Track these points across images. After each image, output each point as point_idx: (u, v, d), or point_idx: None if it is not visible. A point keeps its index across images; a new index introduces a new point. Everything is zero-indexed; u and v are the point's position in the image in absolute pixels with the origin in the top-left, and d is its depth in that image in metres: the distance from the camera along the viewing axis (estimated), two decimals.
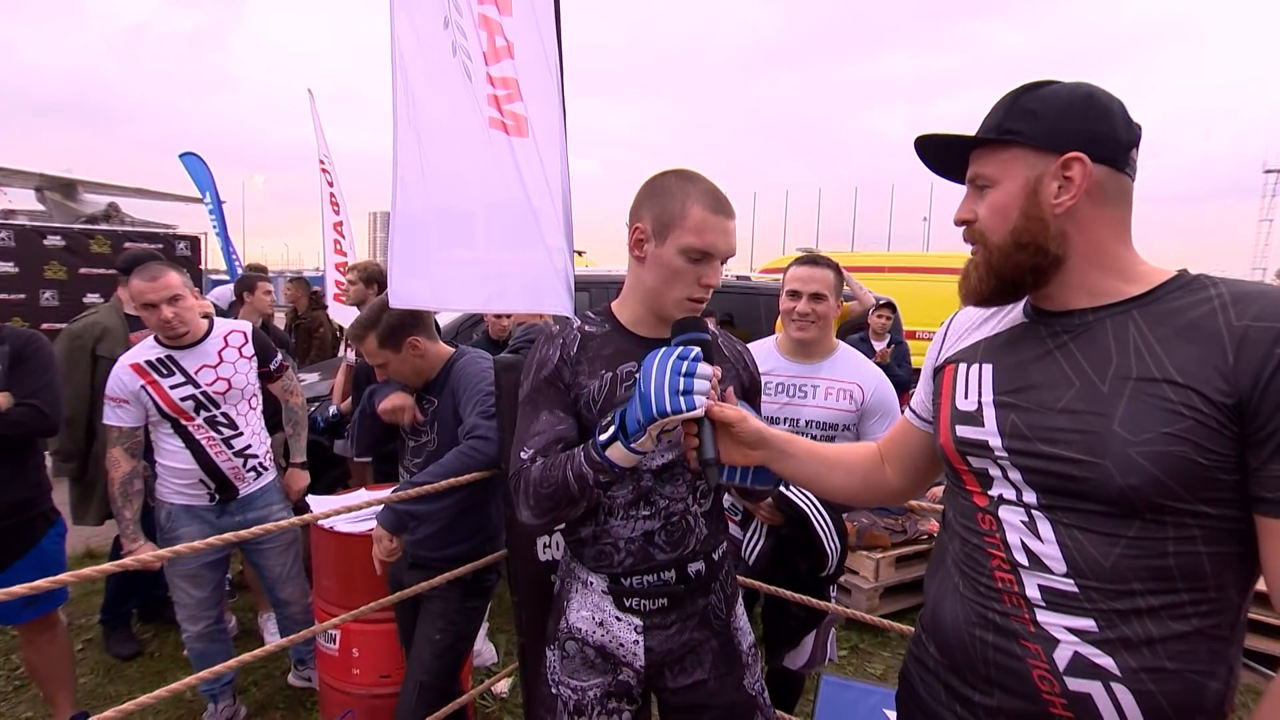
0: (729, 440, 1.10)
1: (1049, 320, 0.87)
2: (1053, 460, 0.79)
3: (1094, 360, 0.79)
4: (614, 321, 1.30)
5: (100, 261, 6.76)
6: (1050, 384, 0.82)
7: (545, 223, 2.00)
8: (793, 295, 2.06)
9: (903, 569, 3.55)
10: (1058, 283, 0.85)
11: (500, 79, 1.89)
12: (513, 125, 1.90)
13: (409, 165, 1.75)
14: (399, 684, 2.02)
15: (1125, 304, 0.81)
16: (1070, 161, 0.80)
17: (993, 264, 0.85)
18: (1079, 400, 0.79)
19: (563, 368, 1.25)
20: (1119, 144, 0.81)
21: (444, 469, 1.84)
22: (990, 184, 0.85)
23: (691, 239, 1.15)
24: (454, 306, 2.02)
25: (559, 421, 1.22)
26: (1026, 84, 0.86)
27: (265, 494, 2.51)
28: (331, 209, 5.57)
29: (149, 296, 2.24)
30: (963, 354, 0.96)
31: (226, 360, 2.40)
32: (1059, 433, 0.79)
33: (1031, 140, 0.82)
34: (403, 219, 1.77)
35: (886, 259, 9.58)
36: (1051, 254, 0.82)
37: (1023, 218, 0.82)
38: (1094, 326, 0.82)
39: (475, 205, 1.93)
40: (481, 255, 1.97)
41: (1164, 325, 0.77)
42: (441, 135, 1.81)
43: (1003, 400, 0.86)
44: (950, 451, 0.93)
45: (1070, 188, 0.80)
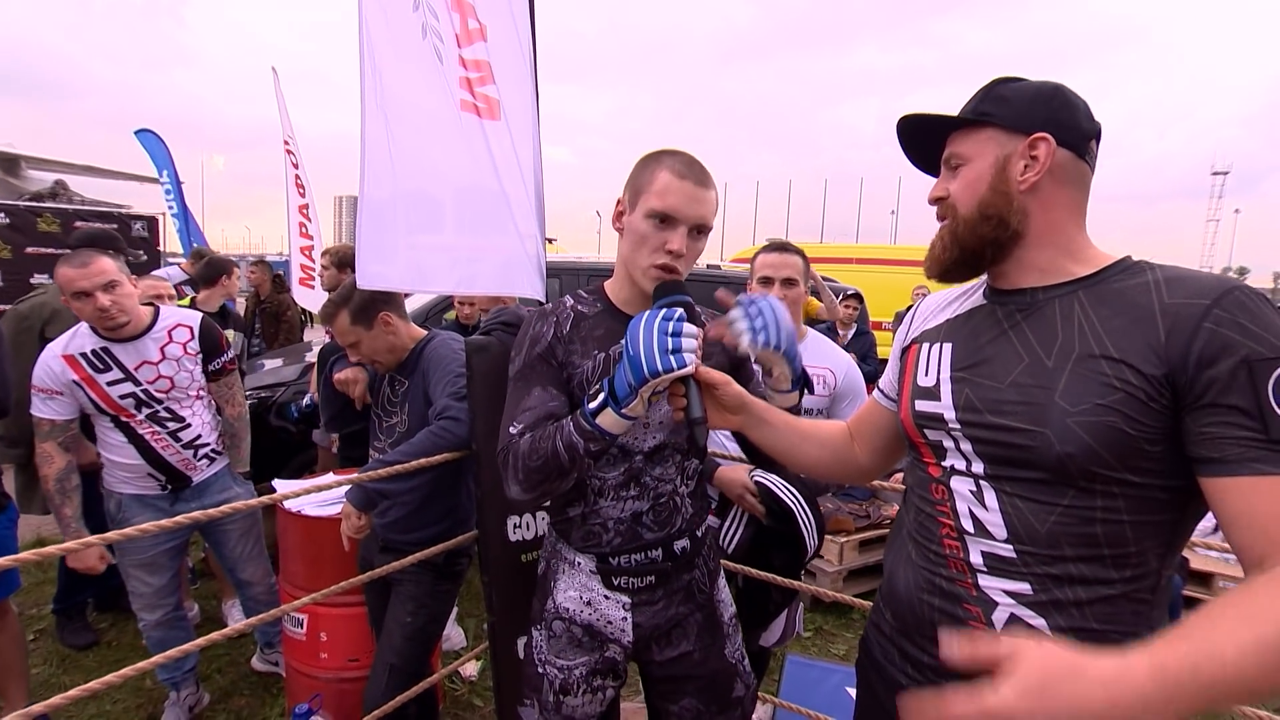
0: (711, 402, 1.14)
1: (1004, 300, 0.93)
2: (1000, 430, 0.85)
3: (1042, 337, 0.85)
4: (606, 301, 1.30)
5: (48, 240, 6.49)
6: (1002, 360, 0.88)
7: (517, 208, 2.00)
8: (764, 282, 2.09)
9: (866, 553, 3.66)
10: (1014, 260, 0.91)
11: (473, 61, 1.88)
12: (485, 108, 1.89)
13: (377, 148, 1.73)
14: (368, 667, 2.03)
15: (1072, 284, 0.87)
16: (1037, 141, 0.86)
17: (958, 234, 0.91)
18: (1026, 375, 0.84)
19: (556, 345, 1.24)
20: (1081, 132, 0.88)
21: (414, 448, 1.84)
22: (964, 162, 0.91)
23: (655, 201, 1.16)
24: (424, 289, 2.01)
25: (551, 399, 1.21)
26: (1001, 76, 0.93)
27: (220, 479, 2.42)
28: (297, 192, 5.43)
29: (80, 284, 2.03)
30: (927, 334, 1.02)
31: (169, 357, 2.24)
32: (1007, 404, 0.85)
33: (1004, 121, 0.89)
34: (370, 203, 1.75)
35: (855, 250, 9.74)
36: (1012, 228, 0.88)
37: (990, 191, 0.89)
38: (1043, 305, 0.88)
39: (445, 189, 1.92)
40: (452, 240, 1.96)
41: (1106, 305, 0.82)
42: (410, 118, 1.79)
43: (959, 375, 0.92)
44: (909, 425, 0.98)
45: (1036, 165, 0.87)
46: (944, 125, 0.94)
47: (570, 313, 1.28)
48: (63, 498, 2.15)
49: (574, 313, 1.28)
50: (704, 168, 1.20)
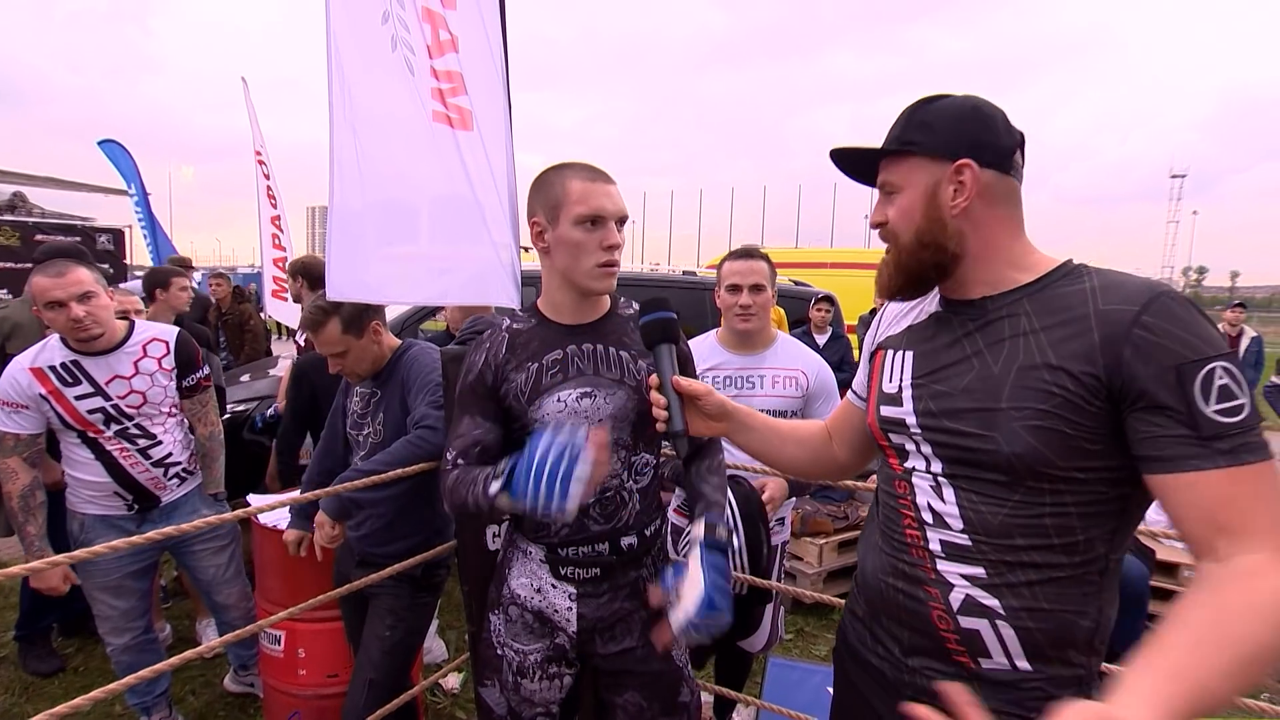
0: (695, 412, 1.17)
1: (958, 309, 0.98)
2: (955, 435, 0.91)
3: (991, 347, 0.91)
4: (539, 315, 1.37)
5: (7, 255, 6.32)
6: (956, 368, 0.93)
7: (491, 218, 2.00)
8: (733, 290, 2.12)
9: (845, 554, 3.70)
10: (959, 277, 0.96)
11: (444, 72, 1.89)
12: (457, 119, 1.90)
13: (345, 159, 1.73)
14: (347, 683, 2.00)
15: (1018, 291, 0.92)
16: (961, 168, 0.90)
17: (901, 262, 0.97)
18: (978, 382, 0.90)
19: (486, 372, 1.33)
20: (1001, 149, 0.92)
21: (391, 457, 1.83)
22: (896, 190, 0.96)
23: (580, 208, 1.24)
24: (395, 300, 2.00)
25: (476, 427, 1.32)
26: (922, 98, 0.97)
27: (190, 500, 2.34)
28: (269, 203, 5.35)
29: (55, 293, 1.98)
30: (891, 340, 1.07)
31: (143, 372, 2.17)
32: (962, 411, 0.90)
33: (927, 150, 0.92)
34: (340, 214, 1.75)
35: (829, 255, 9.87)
36: (951, 251, 0.93)
37: (924, 219, 0.93)
38: (992, 315, 0.92)
39: (418, 200, 1.92)
40: (425, 250, 1.96)
41: (1048, 314, 0.87)
42: (380, 129, 1.79)
43: (918, 383, 0.97)
44: (875, 429, 1.05)
45: (964, 191, 0.91)
46: (873, 157, 0.98)
47: (505, 335, 1.36)
48: (26, 515, 2.07)
49: (509, 334, 1.36)
50: (601, 168, 1.30)
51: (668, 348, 1.18)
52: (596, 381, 1.31)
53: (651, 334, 1.20)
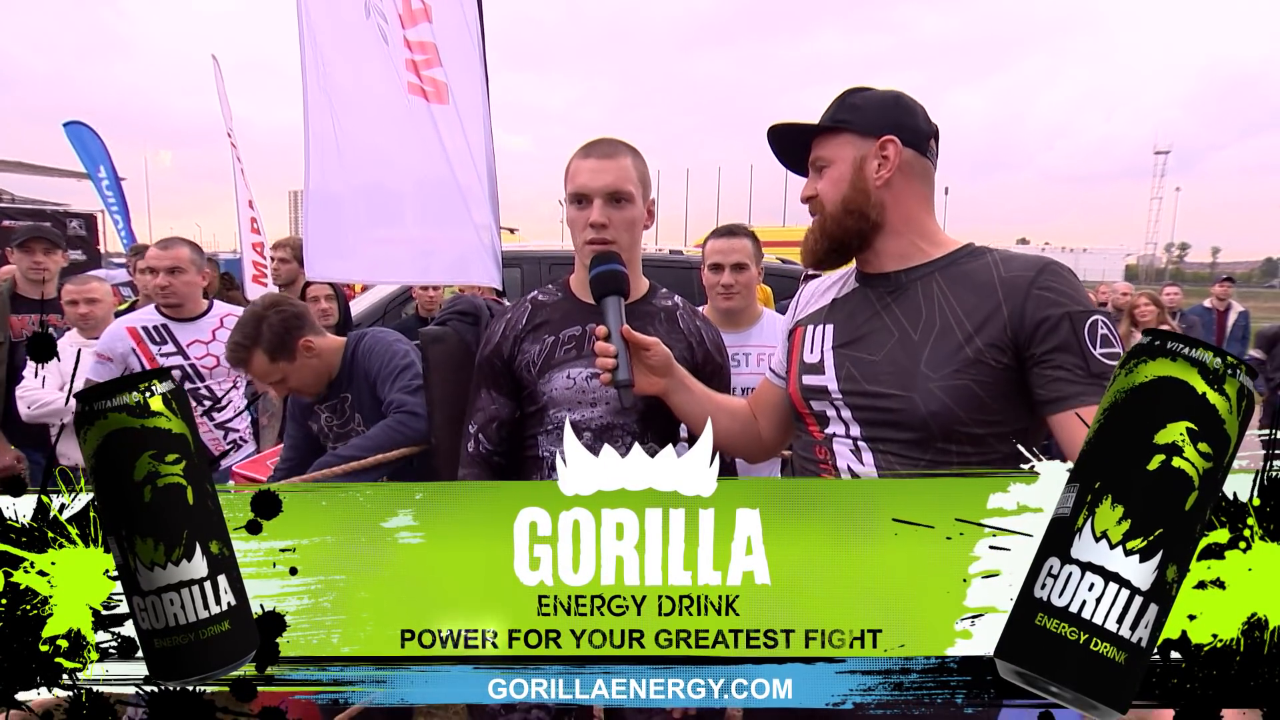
0: (639, 366, 1.17)
1: (874, 283, 1.06)
2: (875, 397, 0.99)
3: (909, 315, 1.00)
4: (566, 290, 1.36)
5: None
6: (876, 336, 1.02)
7: (472, 199, 1.96)
8: (715, 269, 2.09)
9: None
10: (876, 248, 1.05)
11: (418, 43, 1.83)
12: (432, 91, 1.84)
13: (323, 139, 1.68)
14: None
15: (929, 265, 1.02)
16: (886, 143, 1.01)
17: (826, 228, 1.04)
18: (898, 348, 0.99)
19: (503, 344, 1.32)
20: (921, 133, 1.03)
21: (370, 442, 1.75)
22: (828, 164, 1.05)
23: (569, 187, 1.26)
24: (378, 280, 1.96)
25: (493, 402, 1.34)
26: (851, 88, 1.08)
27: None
28: (245, 186, 5.24)
29: (151, 262, 2.42)
30: (810, 317, 1.14)
31: (219, 340, 2.41)
32: (882, 374, 0.99)
33: (857, 127, 1.02)
34: (318, 196, 1.70)
35: None
36: (872, 219, 1.02)
37: (851, 189, 1.02)
38: (908, 287, 1.02)
39: (401, 182, 1.87)
40: (408, 233, 1.92)
41: (958, 284, 0.98)
42: (357, 104, 1.74)
43: (840, 351, 1.05)
44: (797, 398, 1.10)
45: (887, 164, 1.01)
46: (808, 132, 1.07)
47: (528, 305, 1.35)
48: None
49: (532, 304, 1.35)
50: (612, 142, 1.28)
51: (615, 299, 1.16)
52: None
53: (600, 286, 1.18)
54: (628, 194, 1.23)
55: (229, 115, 5.09)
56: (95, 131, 8.19)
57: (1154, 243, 78.83)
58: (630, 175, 1.24)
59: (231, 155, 5.13)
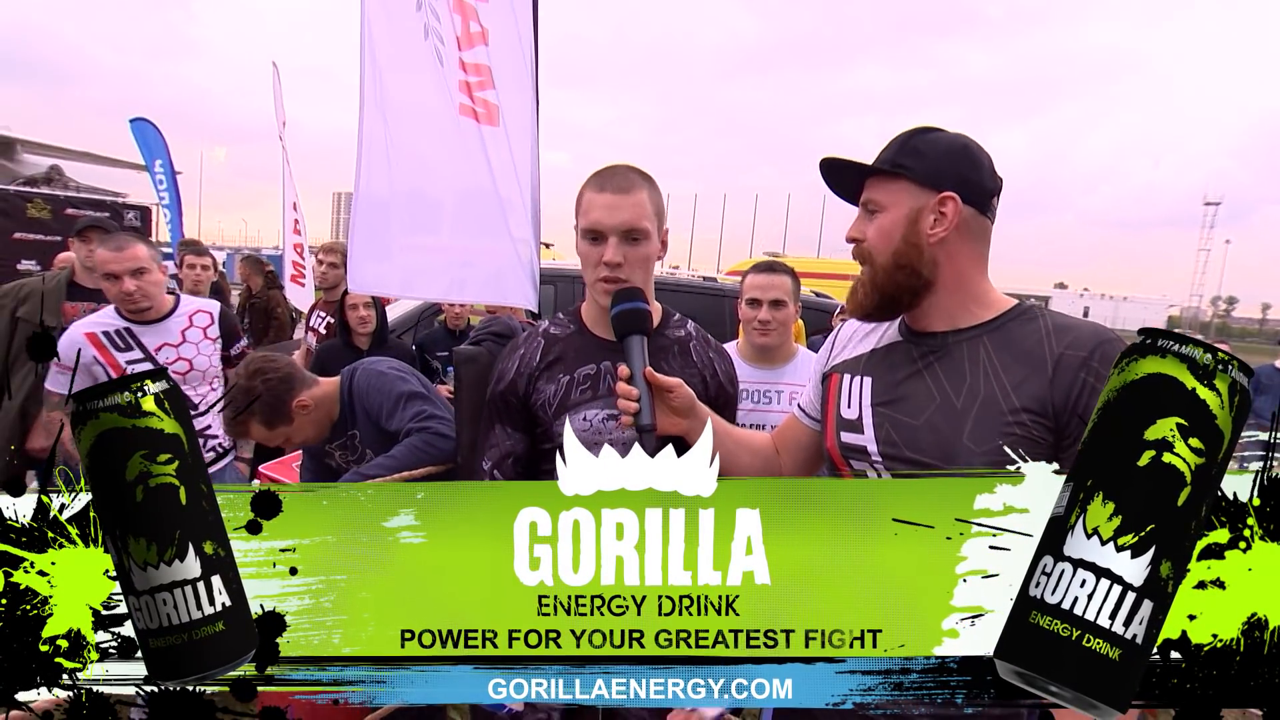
0: (662, 406, 1.13)
1: (918, 340, 1.01)
2: (915, 465, 0.94)
3: (952, 380, 0.95)
4: (579, 322, 1.32)
5: (37, 227, 6.41)
6: (917, 399, 0.97)
7: (512, 214, 1.98)
8: (752, 304, 2.07)
9: None
10: (927, 305, 1.00)
11: (473, 65, 1.86)
12: (483, 113, 1.87)
13: (374, 147, 1.71)
14: None
15: (977, 329, 0.97)
16: (946, 199, 0.95)
17: (877, 282, 0.99)
18: (939, 414, 0.94)
19: (519, 381, 1.29)
20: (985, 191, 0.97)
21: (395, 460, 1.75)
22: (880, 209, 0.99)
23: (582, 221, 1.21)
24: (414, 295, 1.98)
25: (507, 437, 1.31)
26: (917, 127, 1.01)
27: (223, 475, 2.41)
28: (292, 188, 5.39)
29: (111, 266, 2.11)
30: (847, 365, 1.09)
31: (189, 340, 2.28)
32: (923, 443, 0.94)
33: (917, 176, 0.96)
34: (365, 201, 1.73)
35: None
36: (924, 277, 0.97)
37: (903, 242, 0.97)
38: (953, 349, 0.97)
39: (442, 191, 1.89)
40: (446, 242, 1.93)
41: (1006, 351, 0.93)
42: (409, 119, 1.77)
43: (879, 410, 1.01)
44: (836, 455, 1.07)
45: (944, 221, 0.95)
46: (864, 173, 1.01)
47: (541, 340, 1.32)
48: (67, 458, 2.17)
49: (544, 338, 1.32)
50: (628, 174, 1.20)
51: (639, 339, 1.11)
52: None
53: (622, 325, 1.14)
54: (644, 231, 1.19)
55: (283, 120, 5.26)
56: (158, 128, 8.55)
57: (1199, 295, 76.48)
58: (646, 210, 1.20)
59: (282, 157, 5.30)
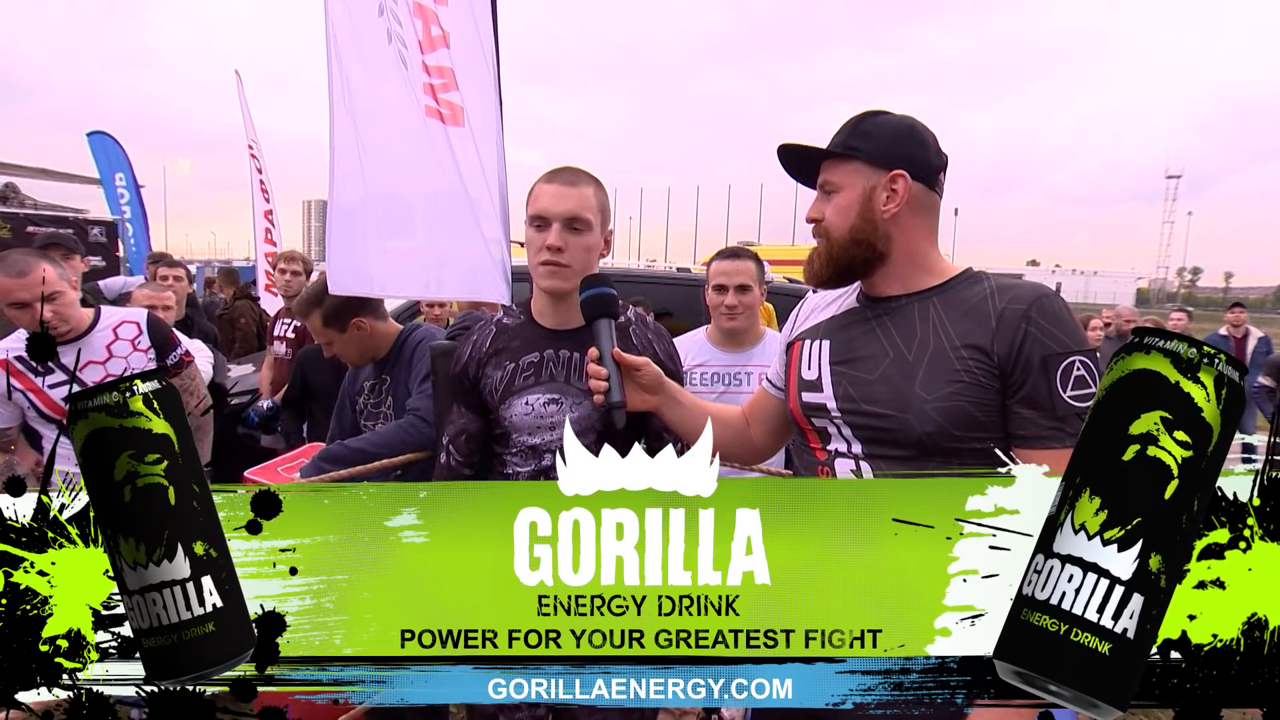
0: (631, 385, 1.19)
1: (873, 304, 1.08)
2: (872, 416, 1.01)
3: (904, 336, 1.01)
4: (528, 314, 1.40)
5: None
6: (872, 355, 1.03)
7: (482, 214, 2.02)
8: (719, 290, 2.14)
9: None
10: (881, 274, 1.06)
11: (436, 68, 1.90)
12: (449, 114, 1.91)
13: (346, 152, 1.74)
14: None
15: (928, 292, 1.04)
16: (896, 177, 1.01)
17: (833, 255, 1.05)
18: (892, 367, 1.00)
19: (470, 364, 1.39)
20: (932, 167, 1.05)
21: (380, 438, 1.83)
22: (836, 189, 1.05)
23: (531, 209, 1.30)
24: (392, 294, 2.02)
25: (462, 416, 1.42)
26: (866, 111, 1.08)
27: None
28: (262, 196, 5.35)
29: (19, 294, 1.84)
30: (808, 332, 1.16)
31: (117, 355, 2.10)
32: (878, 395, 1.00)
33: (868, 157, 1.03)
34: (340, 207, 1.76)
35: None
36: (878, 250, 1.04)
37: (859, 219, 1.03)
38: (905, 309, 1.04)
39: (414, 194, 1.93)
40: (420, 245, 1.97)
41: (954, 309, 1.00)
42: (378, 123, 1.80)
43: (837, 369, 1.07)
44: (798, 414, 1.12)
45: (896, 198, 1.02)
46: (818, 156, 1.08)
47: (493, 327, 1.41)
48: None
49: (497, 327, 1.41)
50: (576, 171, 1.32)
51: (606, 322, 1.17)
52: (565, 389, 1.34)
53: (590, 309, 1.19)
54: (586, 221, 1.29)
55: (251, 129, 5.22)
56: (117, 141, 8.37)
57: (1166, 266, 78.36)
58: (590, 204, 1.29)
59: (250, 167, 5.26)
